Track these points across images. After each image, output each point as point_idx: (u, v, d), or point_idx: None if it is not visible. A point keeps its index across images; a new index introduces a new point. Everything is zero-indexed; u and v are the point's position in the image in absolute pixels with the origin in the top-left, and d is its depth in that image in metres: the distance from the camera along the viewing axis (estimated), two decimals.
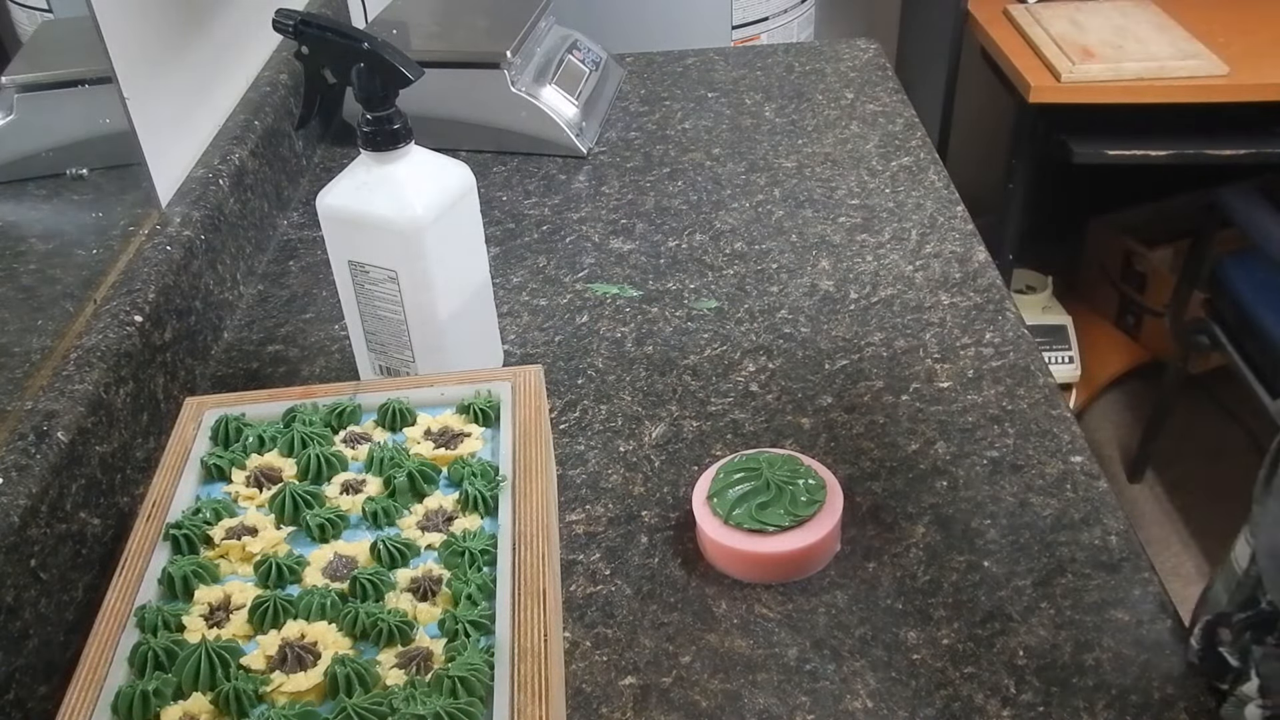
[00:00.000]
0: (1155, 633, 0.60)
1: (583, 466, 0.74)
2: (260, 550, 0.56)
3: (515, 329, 0.88)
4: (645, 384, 0.81)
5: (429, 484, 0.60)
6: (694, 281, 0.92)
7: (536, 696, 0.48)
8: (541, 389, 0.66)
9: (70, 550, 0.61)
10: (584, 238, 0.99)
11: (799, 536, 0.64)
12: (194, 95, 0.95)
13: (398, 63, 0.67)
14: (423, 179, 0.70)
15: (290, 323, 0.90)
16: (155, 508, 0.58)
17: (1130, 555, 0.65)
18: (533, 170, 1.11)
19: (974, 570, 0.65)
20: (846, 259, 0.93)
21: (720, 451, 0.74)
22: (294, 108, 1.07)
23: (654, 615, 0.63)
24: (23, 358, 0.67)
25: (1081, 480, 0.70)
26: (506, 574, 0.53)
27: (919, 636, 0.61)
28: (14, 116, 0.73)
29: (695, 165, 1.09)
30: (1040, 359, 0.81)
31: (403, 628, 0.51)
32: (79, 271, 0.75)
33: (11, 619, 0.55)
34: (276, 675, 0.50)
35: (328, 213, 0.71)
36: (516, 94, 1.10)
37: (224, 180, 0.91)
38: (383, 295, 0.73)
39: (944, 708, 0.57)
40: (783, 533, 0.64)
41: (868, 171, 1.06)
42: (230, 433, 0.63)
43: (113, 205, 0.82)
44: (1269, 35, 1.82)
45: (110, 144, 0.82)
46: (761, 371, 0.81)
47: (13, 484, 0.58)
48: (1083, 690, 0.57)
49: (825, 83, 1.24)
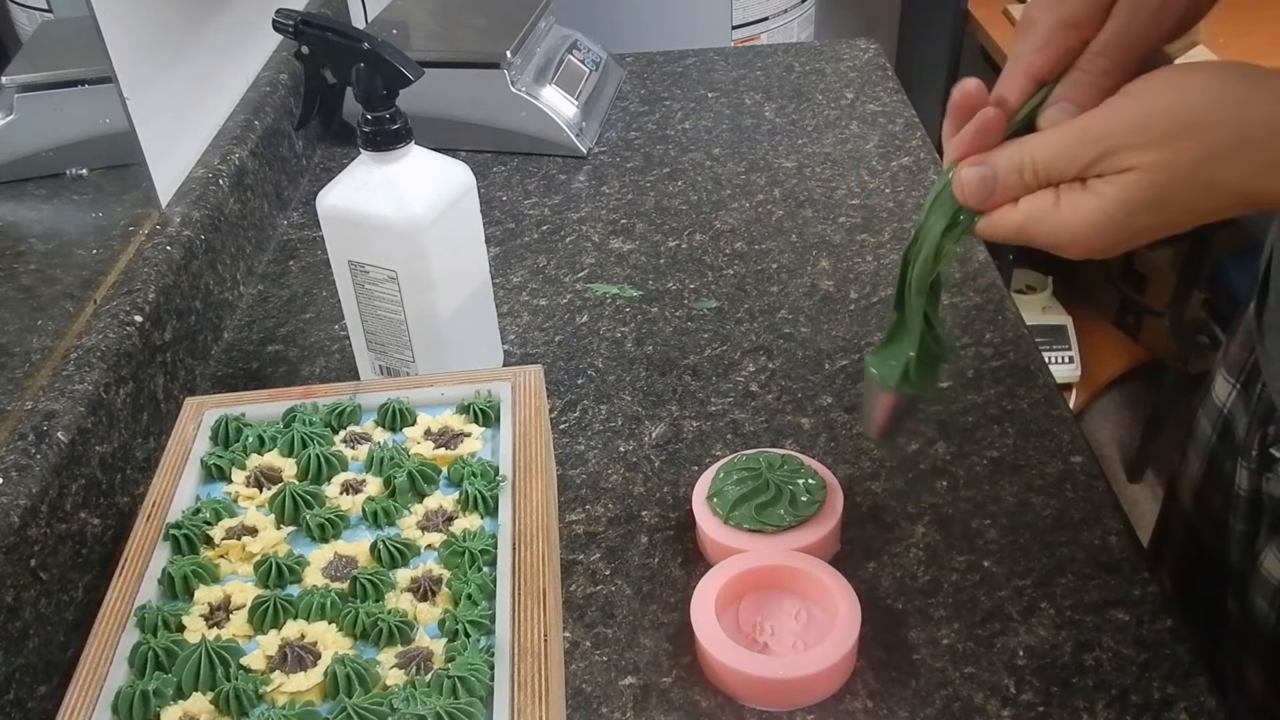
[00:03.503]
0: (1155, 633, 0.60)
1: (583, 466, 0.74)
2: (260, 550, 0.56)
3: (515, 329, 0.88)
4: (645, 384, 0.81)
5: (429, 484, 0.60)
6: (694, 281, 0.92)
7: (536, 696, 0.48)
8: (541, 389, 0.66)
9: (70, 550, 0.61)
10: (584, 238, 0.99)
11: (799, 536, 0.64)
12: (194, 95, 0.95)
13: (398, 63, 0.67)
14: (423, 179, 0.70)
15: (290, 323, 0.90)
16: (155, 508, 0.58)
17: (1130, 555, 0.65)
18: (533, 170, 1.11)
19: (974, 570, 0.65)
20: (846, 259, 0.93)
21: (720, 451, 0.74)
22: (294, 108, 1.07)
23: (654, 615, 0.63)
24: (23, 358, 0.67)
25: (1081, 480, 0.70)
26: (506, 574, 0.53)
27: (919, 636, 0.61)
28: (14, 116, 0.73)
29: (695, 165, 1.09)
30: (1040, 359, 0.81)
31: (403, 628, 0.51)
32: (79, 271, 0.75)
33: (11, 619, 0.55)
34: (276, 675, 0.50)
35: (328, 213, 0.71)
36: (516, 94, 1.10)
37: (224, 180, 0.91)
38: (383, 295, 0.73)
39: (944, 708, 0.57)
40: (782, 533, 0.64)
41: (868, 171, 1.06)
42: (230, 433, 0.63)
43: (113, 205, 0.82)
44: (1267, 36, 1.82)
45: (110, 144, 0.82)
46: (761, 371, 0.81)
47: (13, 484, 0.58)
48: (1083, 690, 0.57)
49: (825, 83, 1.24)
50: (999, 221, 0.46)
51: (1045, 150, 0.44)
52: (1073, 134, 0.43)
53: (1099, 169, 0.42)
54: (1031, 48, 0.47)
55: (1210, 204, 0.42)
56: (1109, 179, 0.42)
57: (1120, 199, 0.42)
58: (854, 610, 0.59)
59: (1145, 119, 0.41)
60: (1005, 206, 0.46)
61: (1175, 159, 0.41)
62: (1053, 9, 0.47)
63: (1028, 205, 0.45)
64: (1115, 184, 0.42)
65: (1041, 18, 0.47)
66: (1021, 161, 0.45)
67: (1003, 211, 0.46)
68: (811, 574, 0.62)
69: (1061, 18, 0.47)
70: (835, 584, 0.61)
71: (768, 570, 0.63)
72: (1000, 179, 0.45)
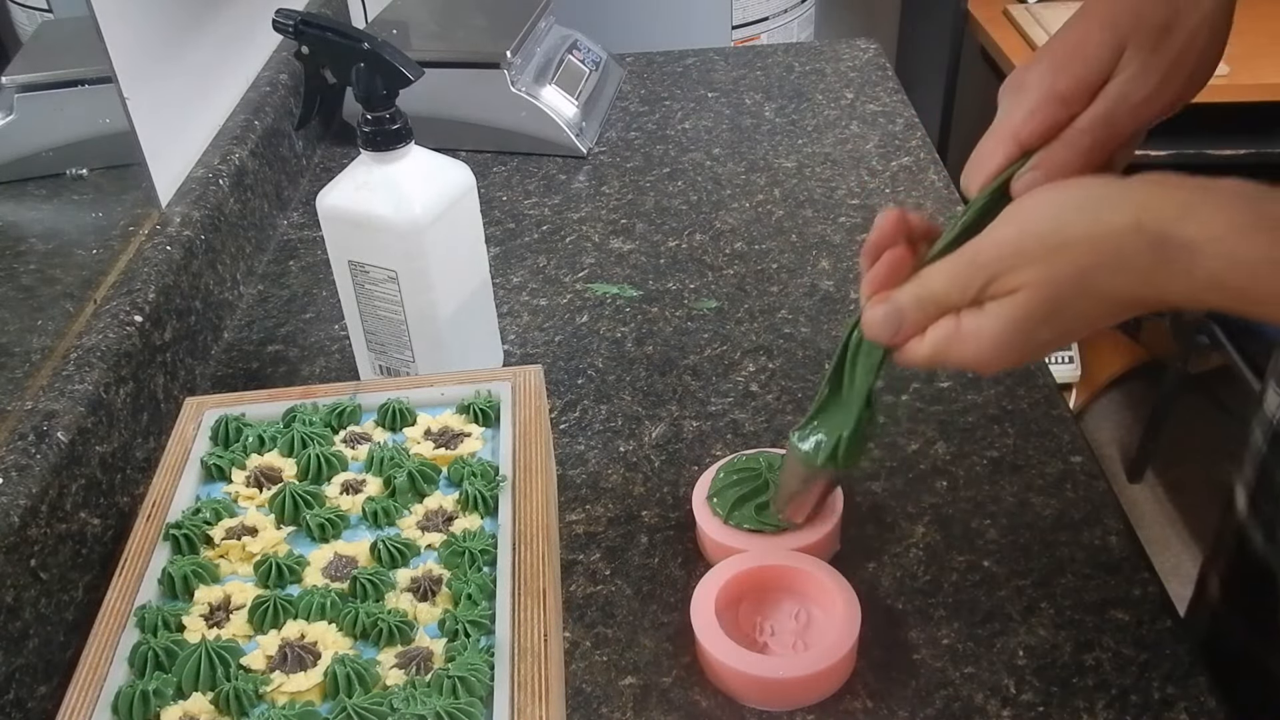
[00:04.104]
0: (1155, 633, 0.60)
1: (583, 466, 0.74)
2: (260, 550, 0.56)
3: (515, 329, 0.88)
4: (645, 384, 0.81)
5: (429, 484, 0.60)
6: (694, 281, 0.92)
7: (536, 696, 0.48)
8: (541, 389, 0.66)
9: (70, 550, 0.61)
10: (584, 238, 0.99)
11: (799, 536, 0.64)
12: (194, 95, 0.95)
13: (398, 63, 0.67)
14: (422, 179, 0.70)
15: (290, 323, 0.90)
16: (155, 508, 0.58)
17: (1130, 555, 0.65)
18: (533, 170, 1.11)
19: (974, 570, 0.65)
20: (846, 259, 0.93)
21: (720, 451, 0.74)
22: (294, 108, 1.07)
23: (654, 615, 0.63)
24: (23, 358, 0.67)
25: (1081, 480, 0.70)
26: (506, 574, 0.53)
27: (919, 636, 0.61)
28: (14, 116, 0.73)
29: (695, 165, 1.09)
30: (1040, 359, 0.81)
31: (403, 628, 0.51)
32: (79, 271, 0.75)
33: (11, 619, 0.55)
34: (276, 675, 0.50)
35: (328, 213, 0.71)
36: (516, 94, 1.10)
37: (224, 180, 0.91)
38: (383, 295, 0.73)
39: (944, 708, 0.57)
40: (782, 533, 0.64)
41: (868, 171, 1.06)
42: (230, 433, 0.63)
43: (113, 205, 0.82)
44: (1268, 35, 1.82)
45: (110, 144, 0.82)
46: (761, 371, 0.81)
47: (13, 484, 0.58)
48: (1083, 690, 0.58)
49: (825, 83, 1.24)
50: (911, 353, 0.49)
51: (941, 281, 0.47)
52: (963, 262, 0.46)
53: (991, 292, 0.45)
54: (1021, 113, 0.50)
55: (1103, 310, 0.44)
56: (1001, 300, 0.45)
57: (1014, 317, 0.44)
58: (854, 610, 0.59)
59: (1023, 241, 0.44)
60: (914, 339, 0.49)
61: (1055, 275, 0.43)
62: (1045, 80, 0.50)
63: (933, 335, 0.48)
64: (1007, 304, 0.44)
65: (1034, 86, 0.50)
66: (920, 295, 0.47)
67: (912, 344, 0.49)
68: (811, 574, 0.62)
69: (1053, 90, 0.49)
70: (835, 584, 0.61)
71: (768, 570, 0.63)
72: (905, 314, 0.48)
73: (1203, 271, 0.40)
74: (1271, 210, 0.40)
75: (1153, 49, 0.49)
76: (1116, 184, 0.43)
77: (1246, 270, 0.40)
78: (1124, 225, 0.41)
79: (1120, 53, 0.49)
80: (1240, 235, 0.40)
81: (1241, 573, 0.73)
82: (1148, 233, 0.41)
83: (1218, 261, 0.40)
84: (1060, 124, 0.49)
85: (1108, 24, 0.50)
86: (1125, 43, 0.49)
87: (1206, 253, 0.40)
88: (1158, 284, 0.42)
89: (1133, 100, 0.49)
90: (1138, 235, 0.41)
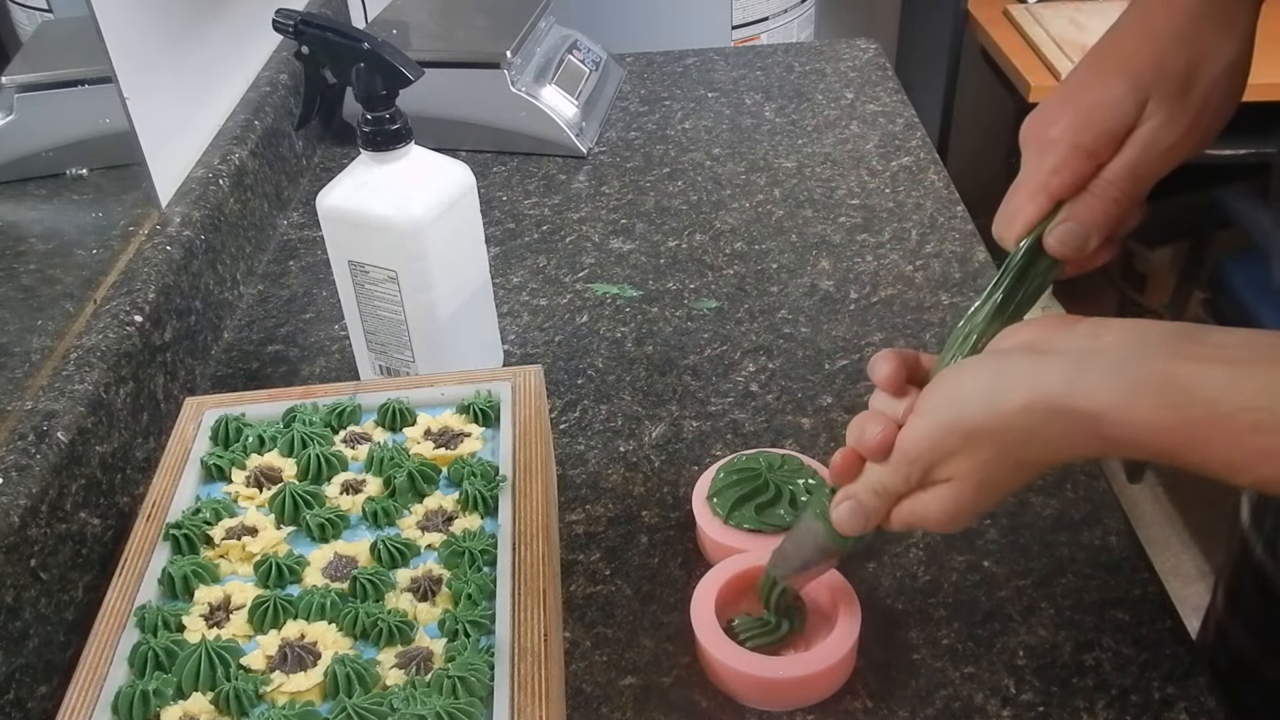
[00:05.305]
0: (1155, 633, 0.60)
1: (583, 466, 0.74)
2: (260, 550, 0.56)
3: (515, 329, 0.88)
4: (645, 384, 0.81)
5: (429, 484, 0.60)
6: (694, 281, 0.92)
7: (536, 696, 0.48)
8: (541, 389, 0.66)
9: (70, 550, 0.61)
10: (584, 238, 0.99)
11: None
12: (194, 95, 0.95)
13: (398, 63, 0.67)
14: (423, 179, 0.71)
15: (290, 323, 0.90)
16: (155, 508, 0.58)
17: (1130, 555, 0.65)
18: (533, 170, 1.11)
19: (974, 570, 0.65)
20: (846, 259, 0.93)
21: (720, 451, 0.74)
22: (294, 108, 1.07)
23: (654, 615, 0.63)
24: (23, 358, 0.67)
25: (1081, 480, 0.70)
26: (506, 574, 0.53)
27: (919, 636, 0.61)
28: (14, 116, 0.73)
29: (695, 165, 1.09)
30: None
31: (403, 628, 0.51)
32: (79, 271, 0.75)
33: (11, 619, 0.55)
34: (276, 675, 0.50)
35: (328, 213, 0.71)
36: (516, 94, 1.10)
37: (224, 180, 0.91)
38: (383, 295, 0.73)
39: (944, 708, 0.57)
40: (782, 533, 0.64)
41: (868, 171, 1.06)
42: (230, 433, 0.63)
43: (113, 205, 0.82)
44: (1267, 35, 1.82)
45: (110, 144, 0.82)
46: (761, 371, 0.81)
47: (13, 484, 0.58)
48: (1083, 690, 0.57)
49: (825, 83, 1.24)
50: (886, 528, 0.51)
51: (885, 476, 0.49)
52: (897, 458, 0.48)
53: (931, 478, 0.47)
54: (1049, 168, 0.51)
55: (1037, 471, 0.46)
56: (940, 486, 0.47)
57: (957, 496, 0.46)
58: (854, 610, 0.59)
59: (938, 436, 0.46)
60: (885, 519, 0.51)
61: (977, 462, 0.45)
62: (1071, 134, 0.50)
63: (897, 516, 0.50)
64: (945, 490, 0.47)
65: (1061, 140, 0.51)
66: (874, 487, 0.49)
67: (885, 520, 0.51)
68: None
69: (1078, 144, 0.50)
70: (835, 584, 0.61)
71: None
72: (867, 506, 0.50)
73: (1111, 434, 0.39)
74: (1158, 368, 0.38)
75: (1176, 100, 0.50)
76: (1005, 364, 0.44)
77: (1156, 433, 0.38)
78: (1016, 409, 0.42)
79: (1143, 104, 0.50)
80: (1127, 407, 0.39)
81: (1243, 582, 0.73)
82: (1040, 410, 0.41)
83: (1119, 429, 0.39)
84: (1088, 176, 0.50)
85: (1130, 76, 0.50)
86: (1148, 94, 0.50)
87: (1105, 420, 0.39)
88: (1073, 447, 0.42)
89: (1159, 149, 0.50)
90: (1030, 414, 0.42)
